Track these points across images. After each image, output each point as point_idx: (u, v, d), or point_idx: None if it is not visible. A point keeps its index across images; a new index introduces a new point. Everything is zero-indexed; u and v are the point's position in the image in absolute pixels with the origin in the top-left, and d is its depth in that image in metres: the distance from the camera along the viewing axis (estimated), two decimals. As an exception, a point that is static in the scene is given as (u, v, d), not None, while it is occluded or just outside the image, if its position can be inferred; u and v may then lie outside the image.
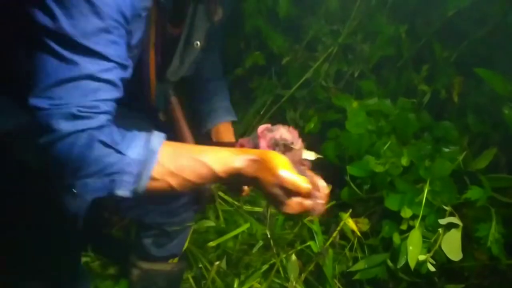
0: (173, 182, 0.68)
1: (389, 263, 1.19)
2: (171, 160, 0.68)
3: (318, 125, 1.47)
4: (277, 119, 1.63)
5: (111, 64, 0.67)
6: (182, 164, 0.68)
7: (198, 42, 0.95)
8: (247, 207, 1.44)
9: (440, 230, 1.11)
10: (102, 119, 0.66)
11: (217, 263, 1.14)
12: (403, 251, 1.12)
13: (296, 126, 1.57)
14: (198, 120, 1.16)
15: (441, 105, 1.28)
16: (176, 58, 0.96)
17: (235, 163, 0.69)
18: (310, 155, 0.86)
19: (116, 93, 0.69)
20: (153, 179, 0.66)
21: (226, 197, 1.49)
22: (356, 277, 1.22)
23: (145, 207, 1.13)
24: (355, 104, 1.29)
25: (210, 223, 1.43)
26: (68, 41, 0.64)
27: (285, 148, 0.82)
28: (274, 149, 0.81)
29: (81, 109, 0.64)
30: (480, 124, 1.20)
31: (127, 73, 0.72)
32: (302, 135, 1.55)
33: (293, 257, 1.18)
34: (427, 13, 1.25)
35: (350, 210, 1.22)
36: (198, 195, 1.21)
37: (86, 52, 0.65)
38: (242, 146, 0.85)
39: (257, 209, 1.43)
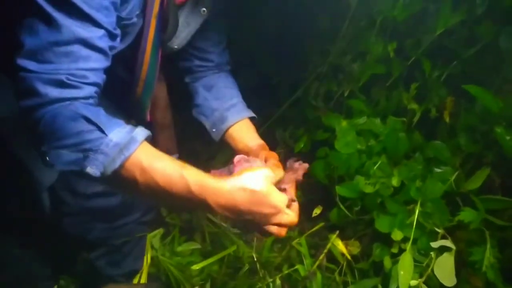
0: (141, 179, 0.65)
1: (380, 288, 1.13)
2: (148, 157, 0.66)
3: (309, 145, 1.45)
4: (267, 139, 1.60)
5: (102, 31, 0.66)
6: (157, 165, 0.66)
7: (205, 9, 0.93)
8: (235, 229, 1.39)
9: (432, 253, 1.06)
10: (90, 90, 0.66)
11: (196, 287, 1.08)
12: (394, 275, 1.07)
13: (286, 146, 1.55)
14: (211, 123, 1.07)
15: (432, 125, 1.25)
16: (181, 24, 0.93)
17: (212, 184, 0.67)
18: None
19: (106, 62, 0.69)
20: (124, 167, 0.65)
21: (213, 218, 1.45)
22: (346, 303, 1.17)
23: (88, 224, 1.09)
24: (344, 123, 1.26)
25: (196, 245, 1.38)
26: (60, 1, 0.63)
27: None
28: None
29: (70, 77, 0.64)
30: (472, 144, 1.16)
31: (116, 43, 0.71)
32: (292, 154, 1.52)
33: (277, 281, 1.12)
34: (416, 32, 1.24)
35: (337, 232, 1.17)
36: (147, 207, 1.18)
37: (79, 15, 0.64)
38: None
39: (245, 231, 1.39)
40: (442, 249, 1.06)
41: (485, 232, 1.06)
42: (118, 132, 0.65)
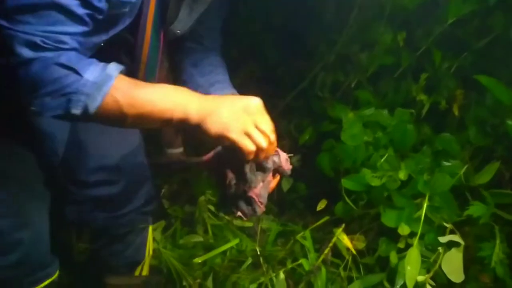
0: (125, 103, 0.71)
1: (386, 284, 1.11)
2: (126, 84, 0.72)
3: (314, 137, 1.42)
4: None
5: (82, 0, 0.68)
6: (137, 88, 0.72)
7: None
8: (238, 222, 1.37)
9: (440, 249, 1.04)
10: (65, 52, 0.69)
11: (197, 280, 1.07)
12: (400, 271, 1.05)
13: (291, 138, 1.52)
14: None
15: (441, 117, 1.22)
16: (184, 9, 0.91)
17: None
18: None
19: (83, 28, 0.71)
20: (106, 101, 0.70)
21: (216, 211, 1.43)
22: (351, 298, 1.15)
23: (90, 212, 1.10)
24: (351, 114, 1.23)
25: (198, 238, 1.37)
26: None
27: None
28: None
29: (45, 40, 0.66)
30: (482, 137, 1.14)
31: (99, 15, 0.73)
32: (297, 146, 1.50)
33: (281, 275, 1.10)
34: (426, 22, 1.21)
35: (343, 225, 1.15)
36: (149, 197, 1.18)
37: None
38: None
39: (247, 224, 1.37)
40: (450, 244, 1.04)
41: (494, 227, 1.04)
42: (93, 71, 0.69)
